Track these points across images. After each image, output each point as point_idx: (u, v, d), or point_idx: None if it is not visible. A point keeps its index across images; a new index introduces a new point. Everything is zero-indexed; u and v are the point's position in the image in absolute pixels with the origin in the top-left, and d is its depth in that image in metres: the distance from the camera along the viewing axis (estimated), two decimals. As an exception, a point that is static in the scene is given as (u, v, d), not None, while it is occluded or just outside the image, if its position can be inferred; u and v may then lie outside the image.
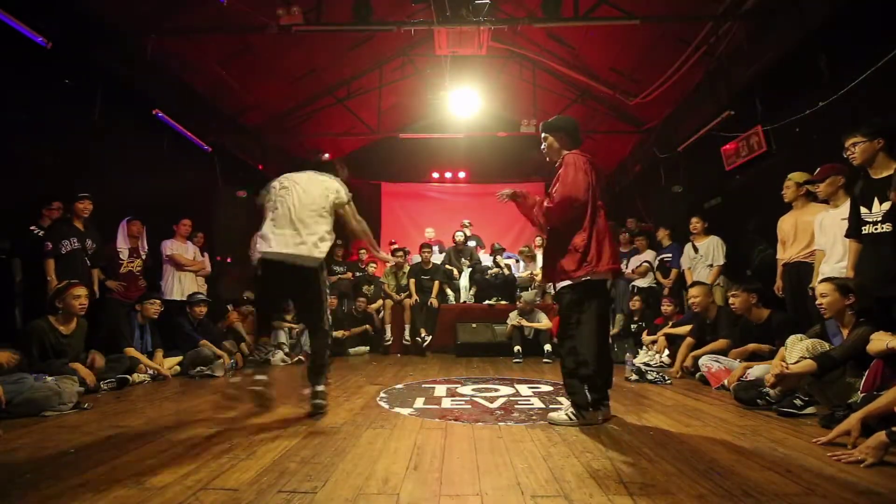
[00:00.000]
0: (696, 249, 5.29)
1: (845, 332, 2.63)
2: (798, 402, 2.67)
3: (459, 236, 7.61)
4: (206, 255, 5.95)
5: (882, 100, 3.73)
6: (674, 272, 5.53)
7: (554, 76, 8.24)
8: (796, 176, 3.85)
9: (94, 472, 1.73)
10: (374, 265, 7.60)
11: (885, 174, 2.69)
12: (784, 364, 2.60)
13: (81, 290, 3.49)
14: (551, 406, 2.98)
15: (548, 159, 2.82)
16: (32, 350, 3.21)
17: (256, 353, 3.48)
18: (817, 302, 2.76)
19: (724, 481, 1.65)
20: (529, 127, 7.67)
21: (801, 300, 3.61)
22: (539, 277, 7.02)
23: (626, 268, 6.16)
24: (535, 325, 5.80)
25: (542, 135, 2.79)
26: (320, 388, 2.76)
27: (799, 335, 2.82)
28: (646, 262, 5.99)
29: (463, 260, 7.45)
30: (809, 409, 2.64)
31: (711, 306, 4.27)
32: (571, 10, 5.32)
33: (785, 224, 3.89)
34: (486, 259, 7.64)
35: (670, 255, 5.69)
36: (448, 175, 11.05)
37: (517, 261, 7.72)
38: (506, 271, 7.11)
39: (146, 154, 5.82)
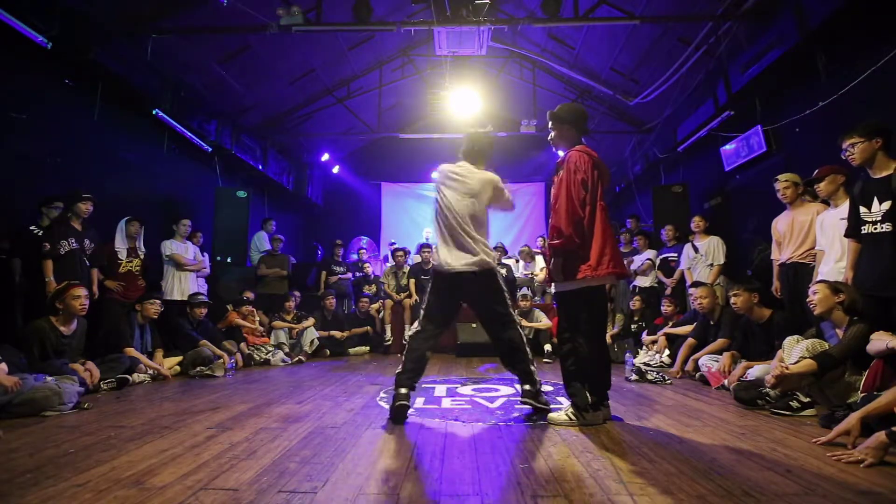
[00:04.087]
0: (695, 249, 5.29)
1: (840, 333, 2.63)
2: (794, 403, 2.68)
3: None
4: (205, 255, 5.95)
5: (882, 100, 3.74)
6: (678, 272, 5.52)
7: (554, 76, 8.25)
8: (791, 176, 3.84)
9: (94, 472, 1.73)
10: (370, 265, 7.66)
11: (884, 174, 2.69)
12: (784, 365, 2.61)
13: (81, 291, 3.48)
14: (551, 406, 2.97)
15: (554, 150, 2.83)
16: (33, 350, 3.22)
17: None
18: (808, 300, 2.79)
19: (724, 481, 1.65)
20: (529, 127, 7.68)
21: (800, 301, 3.61)
22: (539, 277, 7.03)
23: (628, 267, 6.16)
24: (535, 325, 5.80)
25: (550, 124, 2.77)
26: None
27: (795, 336, 2.83)
28: (647, 259, 5.99)
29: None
30: (808, 411, 2.64)
31: (716, 307, 4.26)
32: (571, 10, 5.33)
33: (780, 225, 3.88)
34: None
35: (676, 254, 5.68)
36: (448, 175, 11.03)
37: (517, 261, 7.72)
38: (504, 271, 7.10)
39: (146, 154, 5.82)
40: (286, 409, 2.86)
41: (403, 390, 2.58)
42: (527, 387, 2.68)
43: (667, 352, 4.77)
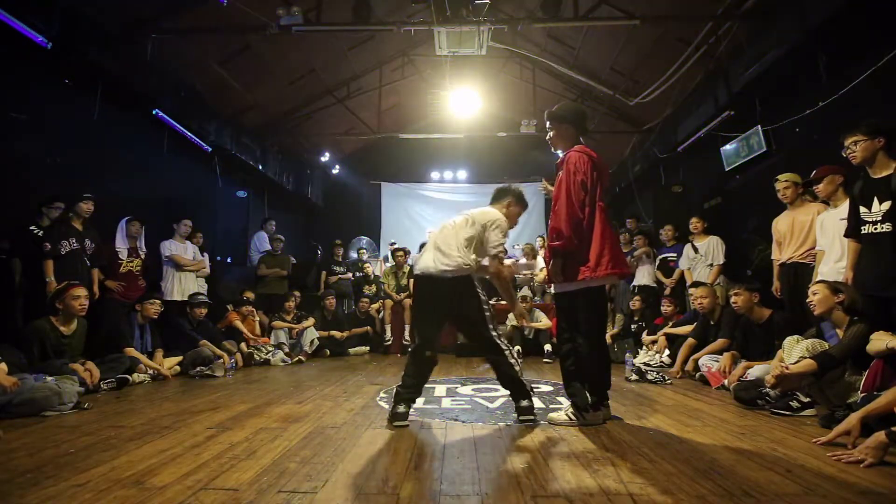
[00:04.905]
0: (695, 249, 5.28)
1: (840, 333, 2.63)
2: (794, 403, 2.68)
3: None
4: (205, 255, 5.95)
5: (882, 100, 3.74)
6: (677, 272, 5.52)
7: (554, 76, 8.24)
8: (791, 176, 3.84)
9: (94, 472, 1.73)
10: (370, 265, 7.67)
11: (884, 173, 2.68)
12: (784, 365, 2.60)
13: (81, 291, 3.49)
14: (551, 406, 2.98)
15: (552, 149, 2.81)
16: (33, 350, 3.22)
17: None
18: (808, 300, 2.79)
19: (724, 481, 1.65)
20: (529, 127, 7.67)
21: (800, 301, 3.61)
22: (539, 277, 7.02)
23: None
24: (534, 325, 5.80)
25: (548, 124, 2.75)
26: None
27: (796, 336, 2.82)
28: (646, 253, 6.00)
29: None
30: (809, 411, 2.64)
31: (716, 307, 4.26)
32: (572, 10, 5.33)
33: (780, 224, 3.87)
34: None
35: (675, 254, 5.67)
36: (448, 175, 11.05)
37: (517, 261, 7.71)
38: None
39: (146, 154, 5.82)
40: (286, 409, 2.86)
41: (402, 408, 2.49)
42: (524, 402, 2.59)
43: (667, 352, 4.77)
